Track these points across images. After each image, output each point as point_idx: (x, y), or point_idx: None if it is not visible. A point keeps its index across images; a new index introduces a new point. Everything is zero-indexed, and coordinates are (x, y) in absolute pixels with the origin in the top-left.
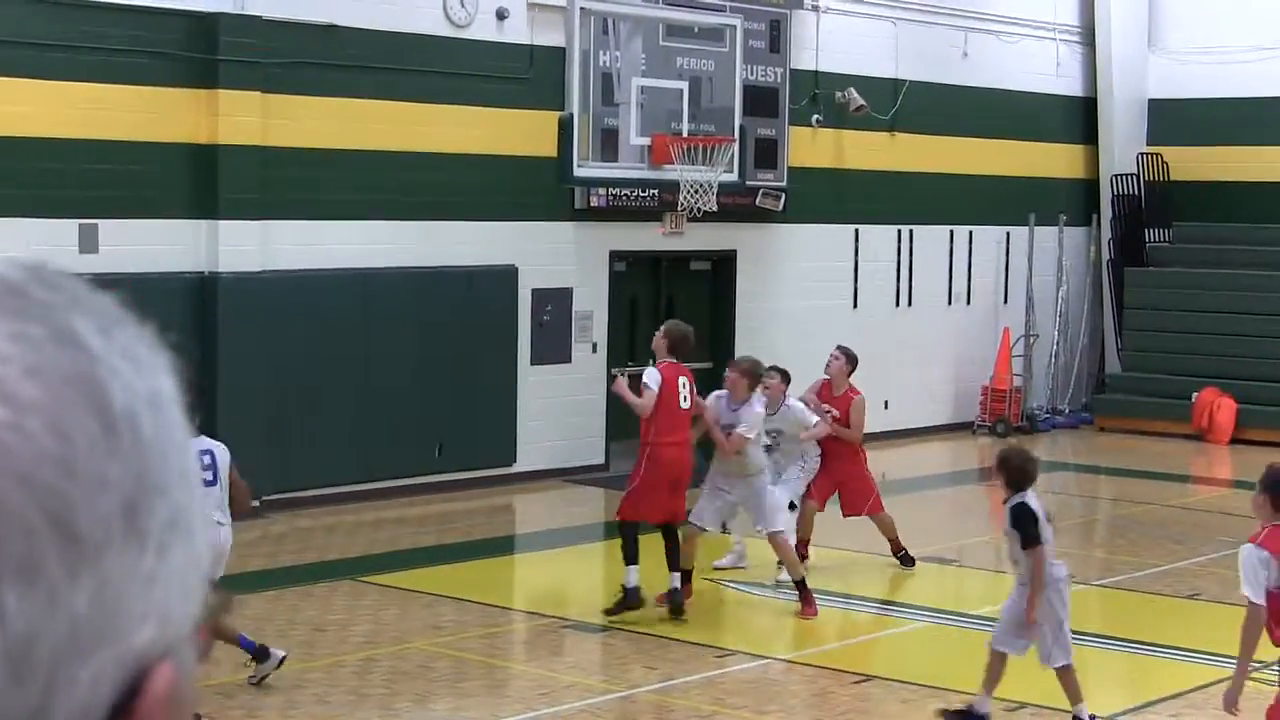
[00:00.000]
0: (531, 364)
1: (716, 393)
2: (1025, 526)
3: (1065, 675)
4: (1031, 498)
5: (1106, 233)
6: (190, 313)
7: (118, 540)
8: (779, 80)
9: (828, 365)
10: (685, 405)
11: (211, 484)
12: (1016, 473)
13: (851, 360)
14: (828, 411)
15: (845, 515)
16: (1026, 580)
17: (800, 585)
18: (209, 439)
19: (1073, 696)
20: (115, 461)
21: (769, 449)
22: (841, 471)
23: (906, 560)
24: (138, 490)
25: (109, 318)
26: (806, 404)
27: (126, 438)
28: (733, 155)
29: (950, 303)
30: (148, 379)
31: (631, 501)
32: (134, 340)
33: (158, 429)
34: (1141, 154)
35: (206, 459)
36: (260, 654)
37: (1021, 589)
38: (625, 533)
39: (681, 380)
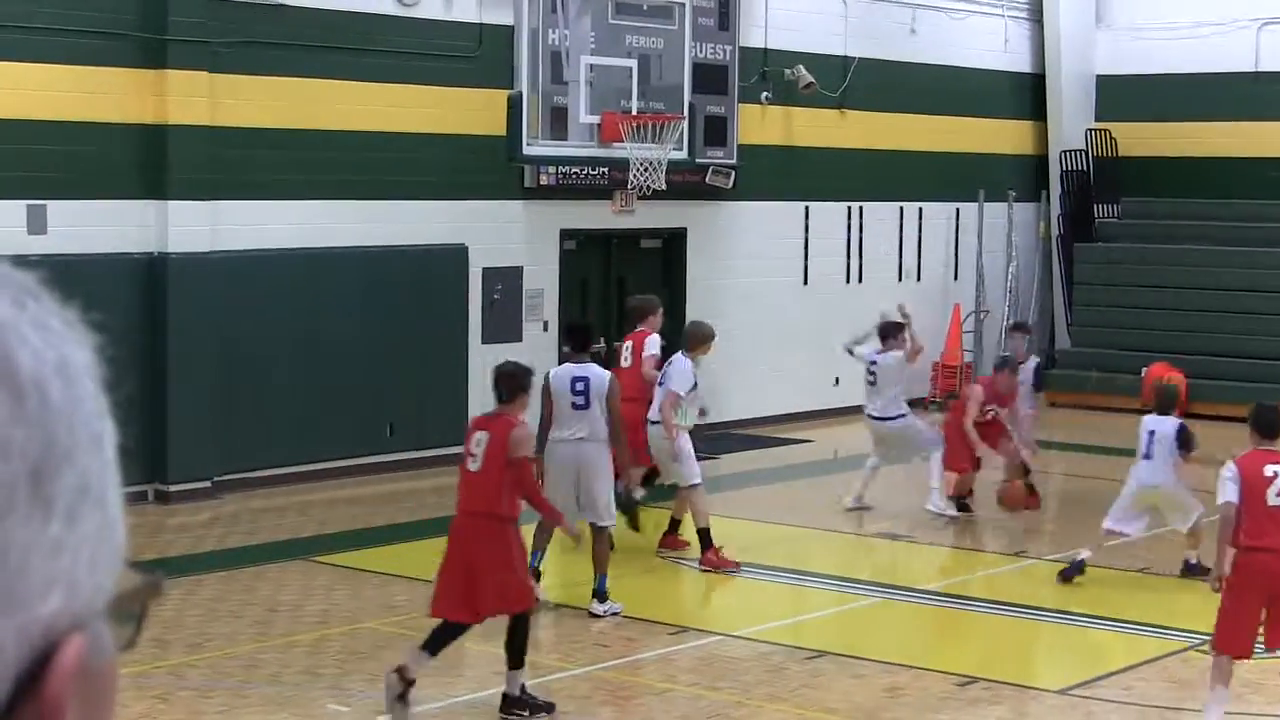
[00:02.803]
0: (482, 343)
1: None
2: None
3: None
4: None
5: (1055, 208)
6: (140, 294)
7: (22, 507)
8: (728, 58)
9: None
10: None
11: (583, 407)
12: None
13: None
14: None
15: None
16: None
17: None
18: (583, 367)
19: None
20: (21, 427)
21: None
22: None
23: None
24: (44, 456)
25: (23, 290)
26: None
27: (34, 403)
28: (682, 133)
29: (900, 279)
30: (58, 348)
31: None
32: (47, 312)
33: (67, 396)
34: (1090, 130)
35: (580, 385)
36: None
37: None
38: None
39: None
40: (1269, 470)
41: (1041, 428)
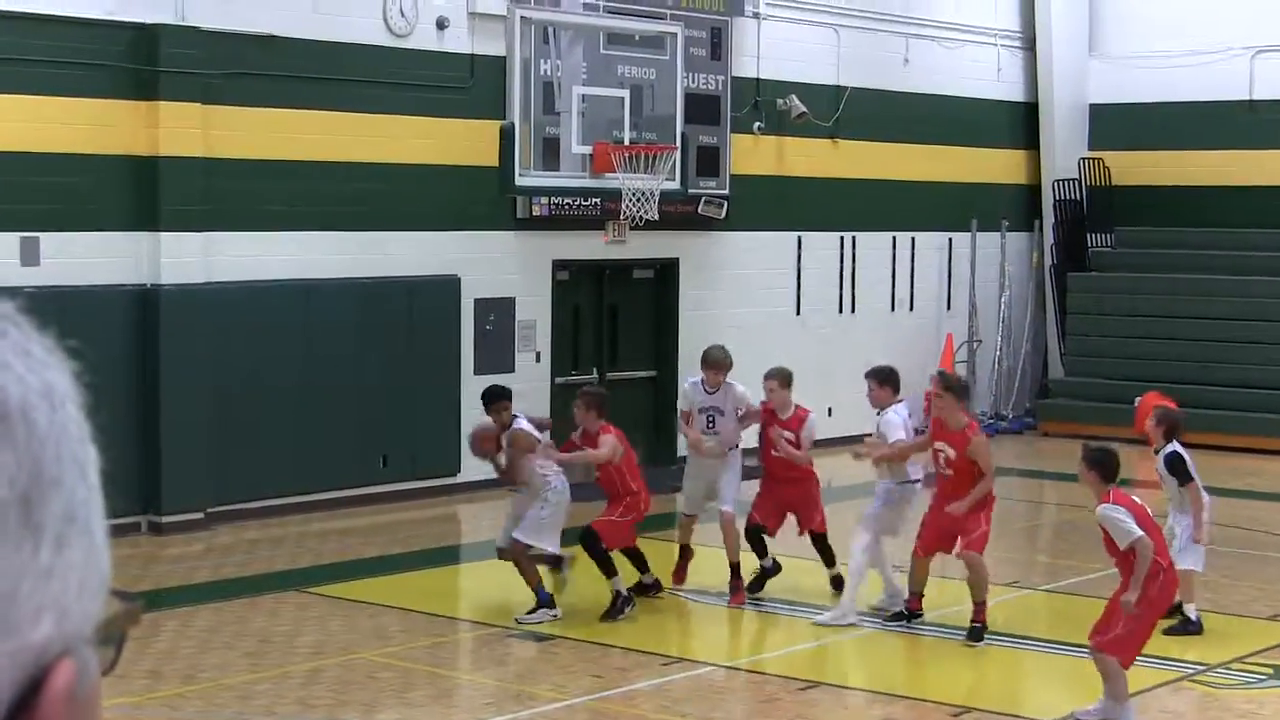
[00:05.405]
0: (475, 373)
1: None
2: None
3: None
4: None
5: (1049, 238)
6: (132, 326)
7: (13, 534)
8: (720, 88)
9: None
10: None
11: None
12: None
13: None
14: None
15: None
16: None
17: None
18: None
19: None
20: (10, 454)
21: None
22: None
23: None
24: (32, 482)
25: (3, 318)
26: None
27: (21, 431)
28: (674, 163)
29: (893, 309)
30: (41, 374)
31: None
32: (28, 339)
33: (53, 423)
34: (1083, 159)
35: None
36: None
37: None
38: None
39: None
40: (1138, 500)
41: (1035, 456)
